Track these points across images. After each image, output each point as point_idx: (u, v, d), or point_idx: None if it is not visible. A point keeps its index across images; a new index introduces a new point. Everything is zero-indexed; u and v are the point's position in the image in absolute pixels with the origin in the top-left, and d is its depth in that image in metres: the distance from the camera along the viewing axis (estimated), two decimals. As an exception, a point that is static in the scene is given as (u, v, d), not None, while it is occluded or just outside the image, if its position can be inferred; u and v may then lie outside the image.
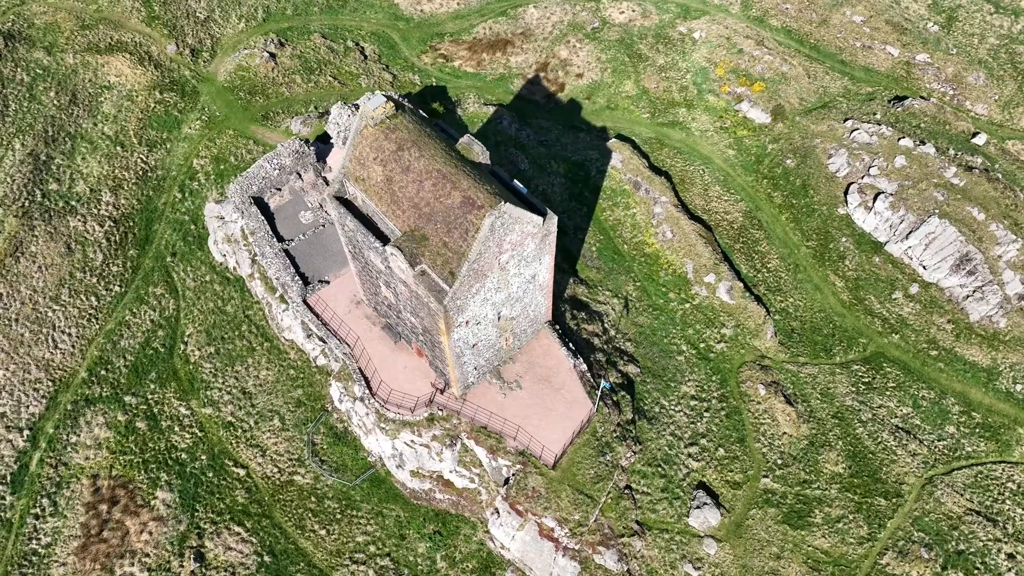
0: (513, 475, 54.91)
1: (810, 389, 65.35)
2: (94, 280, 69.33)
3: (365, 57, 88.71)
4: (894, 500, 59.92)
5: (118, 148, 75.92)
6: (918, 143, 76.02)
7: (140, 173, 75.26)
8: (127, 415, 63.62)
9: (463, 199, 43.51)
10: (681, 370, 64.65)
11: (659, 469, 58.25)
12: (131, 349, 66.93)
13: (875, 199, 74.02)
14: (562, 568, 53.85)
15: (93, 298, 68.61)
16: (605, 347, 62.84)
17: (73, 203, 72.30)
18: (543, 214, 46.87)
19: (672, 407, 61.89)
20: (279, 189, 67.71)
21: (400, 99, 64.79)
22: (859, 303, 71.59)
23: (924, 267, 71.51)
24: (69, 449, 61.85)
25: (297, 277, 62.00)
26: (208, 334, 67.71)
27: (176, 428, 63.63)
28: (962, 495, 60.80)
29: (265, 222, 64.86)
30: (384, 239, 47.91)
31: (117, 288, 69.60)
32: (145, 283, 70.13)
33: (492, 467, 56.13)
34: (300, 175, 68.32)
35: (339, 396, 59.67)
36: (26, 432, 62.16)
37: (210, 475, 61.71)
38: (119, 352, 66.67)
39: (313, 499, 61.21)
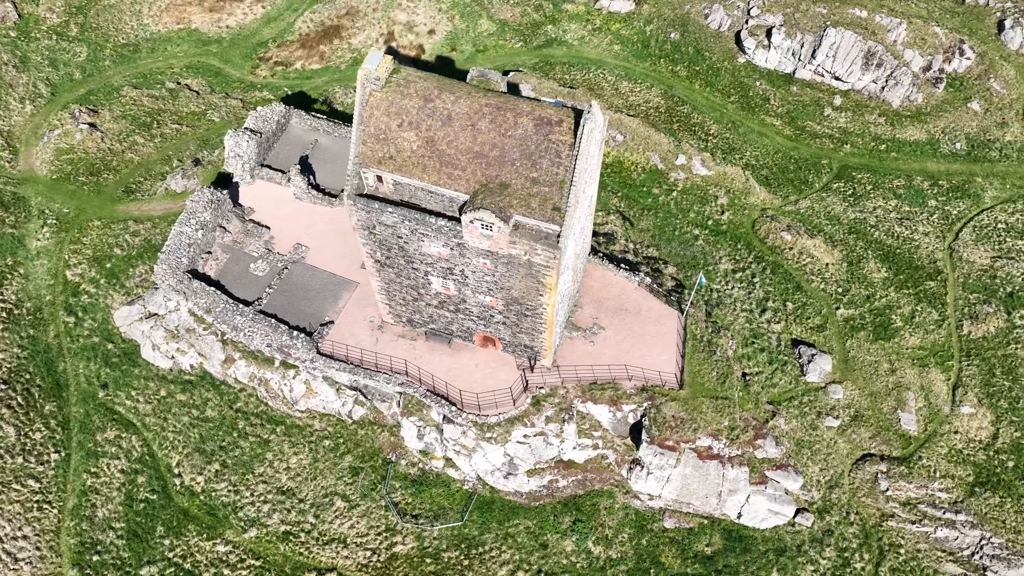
0: (644, 416, 49.63)
1: (817, 219, 66.16)
2: (19, 460, 52.88)
3: (197, 93, 75.62)
4: (939, 278, 62.50)
5: (-43, 298, 58.19)
6: (776, -26, 78.96)
7: (4, 316, 58.27)
8: (156, 589, 49.56)
9: (536, 121, 36.90)
10: (707, 252, 62.39)
11: (755, 345, 55.84)
12: (115, 515, 52.12)
13: (768, 36, 76.07)
14: (733, 480, 49.87)
15: (31, 481, 52.36)
16: (639, 259, 58.82)
17: (-63, 384, 54.37)
18: (595, 118, 41.30)
19: (725, 287, 59.54)
20: (209, 252, 55.43)
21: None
22: (802, 132, 73.60)
23: (837, 78, 74.92)
24: (106, 666, 46.98)
25: (296, 333, 51.13)
26: (201, 452, 54.47)
27: (225, 571, 50.66)
28: (978, 248, 64.83)
29: (219, 292, 52.74)
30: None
31: (55, 456, 53.70)
32: (87, 434, 54.76)
33: (615, 421, 50.44)
34: (224, 228, 56.39)
35: (417, 433, 50.39)
36: (38, 677, 46.24)
37: (298, 600, 49.95)
38: (102, 525, 51.65)
39: (428, 560, 51.78)
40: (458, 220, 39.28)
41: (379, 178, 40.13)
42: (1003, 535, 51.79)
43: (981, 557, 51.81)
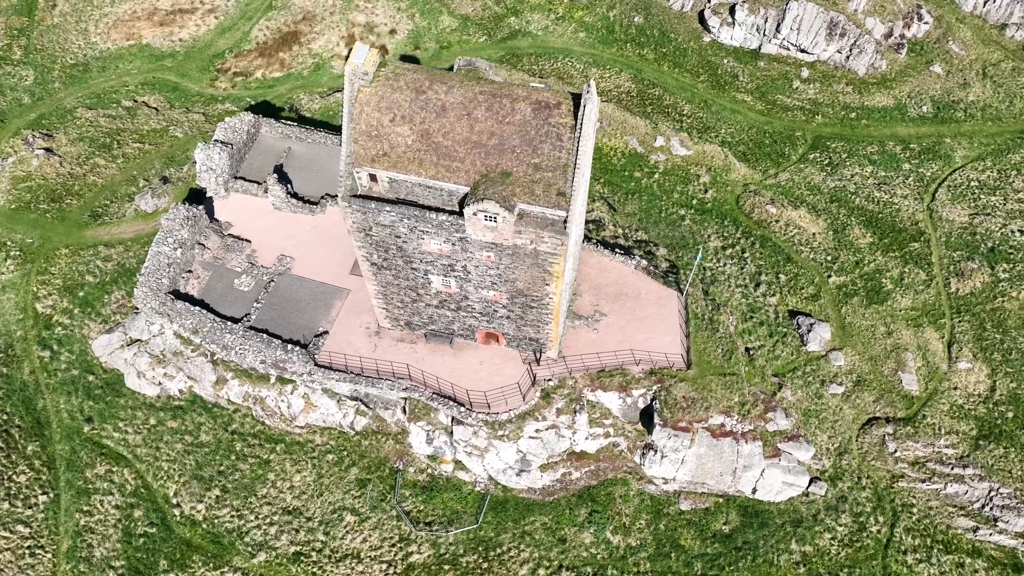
0: (654, 399, 49.08)
1: (798, 190, 66.52)
2: (5, 505, 50.13)
3: (156, 110, 72.90)
4: (922, 238, 63.33)
5: (-79, 342, 54.97)
6: (733, -48, 79.29)
7: (-27, 355, 55.26)
8: (165, 626, 47.38)
9: (534, 106, 35.94)
10: (695, 231, 62.19)
11: (754, 319, 55.73)
12: (114, 553, 49.74)
13: (732, 13, 76.29)
14: (748, 455, 49.65)
15: (20, 526, 49.67)
16: (630, 243, 58.32)
17: (-92, 434, 51.23)
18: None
19: (718, 264, 59.34)
20: (190, 271, 53.27)
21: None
22: (773, 106, 74.03)
23: (803, 50, 75.51)
24: None
25: (290, 346, 49.38)
26: (199, 479, 52.34)
27: (237, 600, 48.69)
28: (955, 207, 65.91)
29: (205, 311, 50.68)
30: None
31: (43, 497, 51.04)
32: (76, 471, 52.19)
33: (625, 407, 49.82)
34: (203, 244, 54.27)
35: (426, 438, 49.04)
36: None
37: (315, 621, 48.25)
38: (100, 566, 49.26)
39: (447, 566, 50.55)
40: (459, 214, 38.12)
41: (372, 177, 38.75)
42: (1011, 485, 52.51)
43: (991, 508, 52.47)
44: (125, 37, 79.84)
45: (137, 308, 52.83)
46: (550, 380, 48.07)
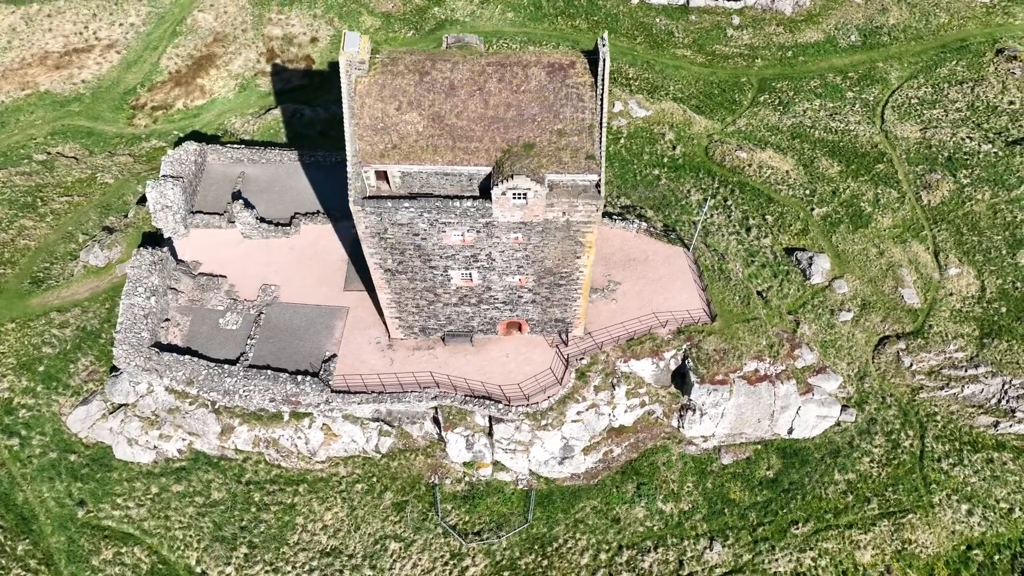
0: (686, 359, 48.09)
1: (759, 133, 67.13)
2: (6, 617, 44.24)
3: (75, 159, 66.60)
4: (885, 159, 65.02)
5: None
6: (643, -88, 79.33)
7: (-72, 460, 48.61)
8: None
9: (547, 69, 33.96)
10: (673, 189, 61.70)
11: (755, 263, 55.66)
12: (144, 640, 44.72)
13: (655, -28, 76.34)
14: (785, 395, 49.42)
15: (30, 636, 43.97)
16: (617, 210, 57.18)
17: None
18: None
19: (705, 218, 58.96)
20: (168, 319, 48.57)
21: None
22: (713, 56, 74.60)
23: (730, -2, 76.46)
24: None
25: (300, 378, 45.66)
26: (221, 540, 47.83)
27: (294, 660, 44.72)
28: (905, 125, 68.08)
29: (196, 359, 46.26)
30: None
31: (49, 598, 45.35)
32: (79, 562, 46.69)
33: (658, 372, 48.65)
34: (175, 288, 49.62)
35: (466, 443, 46.32)
36: None
37: (383, 662, 44.90)
38: (132, 658, 44.17)
39: (506, 573, 48.09)
40: (484, 198, 35.72)
41: (380, 175, 35.85)
42: (1021, 375, 54.41)
43: (1007, 401, 54.25)
44: (19, 87, 72.71)
45: (115, 370, 47.73)
46: (582, 359, 46.30)
